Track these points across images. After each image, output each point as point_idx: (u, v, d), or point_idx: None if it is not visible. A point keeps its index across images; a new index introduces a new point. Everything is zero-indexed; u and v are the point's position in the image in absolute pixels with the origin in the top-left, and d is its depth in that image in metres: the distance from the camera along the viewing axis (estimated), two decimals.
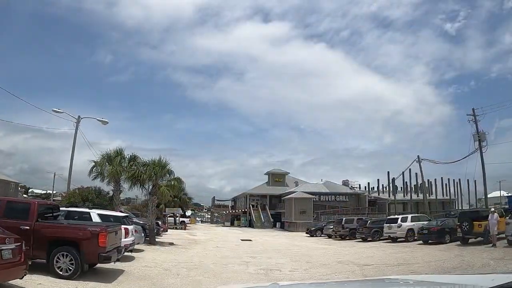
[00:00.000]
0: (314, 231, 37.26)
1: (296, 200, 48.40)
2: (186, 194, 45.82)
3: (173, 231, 38.38)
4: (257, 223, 55.75)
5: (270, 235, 38.22)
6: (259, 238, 32.27)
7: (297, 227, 47.58)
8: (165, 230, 33.41)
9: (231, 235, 37.02)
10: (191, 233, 36.52)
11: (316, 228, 37.66)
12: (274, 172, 64.09)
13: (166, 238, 26.46)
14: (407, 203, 60.69)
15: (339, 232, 32.00)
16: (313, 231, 37.31)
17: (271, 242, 28.79)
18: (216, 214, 76.05)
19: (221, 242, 26.98)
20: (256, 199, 61.47)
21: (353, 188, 61.35)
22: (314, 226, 38.85)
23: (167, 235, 30.14)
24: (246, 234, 38.43)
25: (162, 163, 21.54)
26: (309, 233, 37.70)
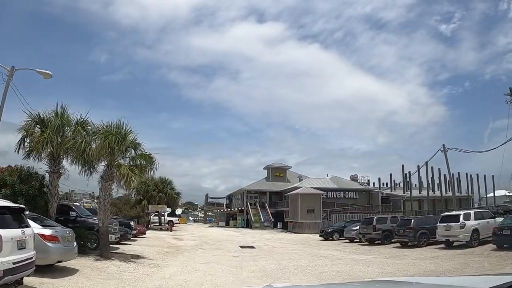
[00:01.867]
0: (330, 234, 29.48)
1: (303, 196, 40.60)
2: (174, 189, 37.81)
3: (155, 233, 30.38)
4: (256, 223, 47.87)
5: (274, 239, 30.34)
6: (262, 243, 24.45)
7: (304, 228, 39.78)
8: (142, 233, 25.42)
9: (227, 238, 29.12)
10: (177, 236, 28.51)
11: (333, 230, 29.88)
12: (274, 166, 56.26)
13: (136, 246, 18.61)
14: (423, 200, 53.81)
15: (369, 235, 24.26)
16: (329, 233, 29.54)
17: (282, 250, 20.95)
18: (209, 213, 68.01)
19: (213, 250, 19.09)
20: (254, 196, 53.58)
21: (364, 184, 53.71)
22: (331, 227, 31.03)
23: (142, 240, 22.28)
24: (245, 237, 30.51)
25: (122, 131, 13.62)
26: (323, 236, 29.92)
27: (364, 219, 26.70)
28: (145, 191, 35.68)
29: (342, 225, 30.64)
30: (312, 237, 33.30)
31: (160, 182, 37.08)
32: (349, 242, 27.51)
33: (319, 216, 40.84)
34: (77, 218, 15.98)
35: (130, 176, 12.96)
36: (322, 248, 22.82)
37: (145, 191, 35.67)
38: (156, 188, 36.18)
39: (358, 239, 26.71)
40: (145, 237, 25.34)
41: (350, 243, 27.17)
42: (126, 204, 35.19)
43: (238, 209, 53.36)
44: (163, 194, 36.04)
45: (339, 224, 31.90)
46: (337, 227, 30.66)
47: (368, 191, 52.82)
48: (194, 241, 24.71)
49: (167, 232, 33.44)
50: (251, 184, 54.33)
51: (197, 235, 31.72)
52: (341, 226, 30.48)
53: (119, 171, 13.14)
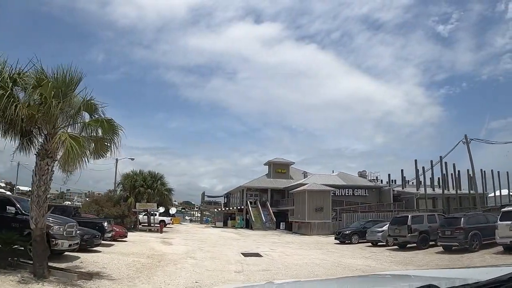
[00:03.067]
0: (348, 236, 24.61)
1: (311, 193, 35.68)
2: (165, 184, 32.72)
3: (141, 236, 25.44)
4: (257, 223, 42.89)
5: (281, 242, 25.45)
6: (269, 249, 19.57)
7: (311, 229, 34.88)
8: (122, 236, 20.42)
9: (225, 242, 24.17)
10: (166, 240, 23.52)
11: (352, 232, 24.98)
12: (276, 162, 51.30)
13: (105, 254, 13.74)
14: (437, 198, 49.33)
15: (403, 238, 19.41)
16: (348, 235, 24.65)
17: (296, 259, 16.06)
18: (206, 213, 62.97)
19: (207, 260, 14.14)
20: (254, 195, 48.62)
21: (374, 180, 48.89)
22: (348, 229, 26.09)
23: (118, 246, 17.40)
24: (247, 241, 25.62)
25: (64, 78, 8.66)
26: (339, 239, 25.06)
27: (394, 218, 21.83)
28: (131, 187, 30.71)
29: (361, 226, 25.79)
30: (324, 240, 28.43)
31: (150, 176, 32.09)
32: (372, 246, 22.72)
33: (328, 216, 35.95)
34: (17, 216, 11.22)
35: (72, 148, 7.95)
36: (346, 255, 17.89)
37: (131, 186, 30.70)
38: (144, 184, 31.19)
39: (384, 242, 21.93)
40: (125, 241, 20.38)
41: (374, 247, 22.37)
42: (110, 201, 30.31)
43: (237, 208, 48.35)
44: (152, 190, 31.01)
45: (357, 224, 27.03)
46: (355, 228, 25.78)
47: (378, 188, 48.03)
48: (185, 246, 19.73)
49: (157, 234, 28.44)
50: (252, 181, 49.36)
51: (191, 237, 26.71)
52: (360, 227, 25.63)
53: (55, 139, 8.17)
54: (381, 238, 22.15)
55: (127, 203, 29.67)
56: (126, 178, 31.72)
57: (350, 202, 43.28)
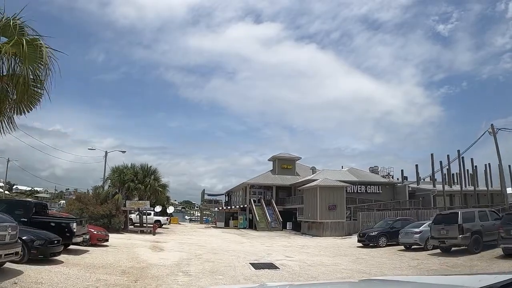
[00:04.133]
0: (375, 238, 20.45)
1: (323, 189, 31.50)
2: (158, 179, 28.46)
3: (130, 238, 21.34)
4: (261, 223, 38.73)
5: (294, 246, 21.31)
6: (284, 257, 15.44)
7: (324, 229, 30.75)
8: (101, 239, 16.26)
9: (228, 246, 20.00)
10: (157, 244, 19.32)
11: (380, 233, 20.80)
12: (282, 157, 47.10)
13: (61, 267, 9.83)
14: (454, 195, 45.36)
15: (452, 241, 15.29)
16: (375, 237, 20.49)
17: (323, 271, 11.93)
18: (206, 212, 58.78)
19: (206, 277, 9.99)
20: (258, 192, 44.46)
21: (387, 176, 44.74)
22: (374, 229, 21.83)
23: (93, 253, 13.34)
24: (254, 244, 21.48)
25: None
26: (364, 241, 20.93)
27: (439, 215, 17.60)
28: (120, 182, 26.56)
29: (388, 226, 21.64)
30: (342, 242, 24.29)
31: (141, 170, 27.89)
32: (405, 250, 18.60)
33: (342, 215, 31.79)
34: None
35: None
36: (385, 264, 13.71)
37: (120, 181, 26.56)
38: (135, 178, 27.01)
39: (422, 245, 17.83)
40: (106, 246, 16.25)
41: (407, 251, 18.28)
42: (97, 199, 26.19)
43: (239, 207, 44.14)
44: (143, 186, 26.79)
45: (383, 224, 22.85)
46: (382, 228, 21.60)
47: (392, 184, 43.85)
48: (178, 253, 15.54)
49: (148, 237, 24.29)
50: (255, 177, 45.15)
51: (187, 241, 22.47)
52: (387, 227, 21.48)
53: None
54: (419, 241, 18.03)
55: (114, 200, 25.51)
56: (114, 172, 27.58)
57: (363, 200, 39.16)
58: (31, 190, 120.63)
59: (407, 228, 19.01)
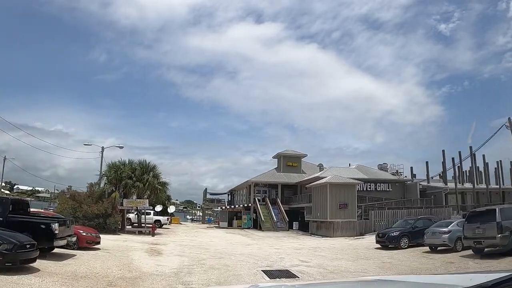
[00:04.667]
0: (396, 239, 18.36)
1: (334, 187, 29.38)
2: (158, 177, 26.36)
3: (126, 239, 19.31)
4: (267, 223, 36.65)
5: (306, 248, 19.24)
6: (299, 261, 13.44)
7: (334, 229, 28.66)
8: (91, 241, 14.22)
9: (234, 248, 17.93)
10: (155, 247, 17.24)
11: (402, 233, 18.70)
12: (287, 154, 45.00)
13: (40, 276, 7.82)
14: (466, 193, 43.26)
15: (490, 241, 13.24)
16: (395, 238, 18.40)
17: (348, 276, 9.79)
18: (208, 212, 56.69)
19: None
20: (263, 191, 42.40)
21: (398, 174, 42.58)
22: (395, 229, 19.64)
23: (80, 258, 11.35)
24: (262, 246, 19.42)
25: None
26: (384, 242, 18.86)
27: (473, 212, 15.50)
28: (116, 179, 24.52)
29: (409, 226, 19.54)
30: (356, 243, 22.21)
31: (140, 167, 25.82)
32: (430, 252, 16.58)
33: (353, 214, 29.69)
34: None
35: None
36: (418, 269, 11.63)
37: (116, 178, 24.52)
38: (132, 175, 24.95)
39: (451, 246, 15.79)
40: (97, 249, 14.21)
41: (433, 252, 16.27)
42: (92, 197, 24.19)
43: (243, 206, 42.02)
44: (141, 183, 24.71)
45: (402, 223, 20.72)
46: (403, 228, 19.48)
47: (402, 182, 41.70)
48: (179, 258, 13.45)
49: (147, 238, 22.23)
50: (259, 175, 43.05)
51: (189, 243, 20.34)
52: (408, 227, 19.39)
53: None
54: (448, 241, 15.96)
55: (110, 199, 23.48)
56: (110, 168, 25.54)
57: (373, 198, 37.06)
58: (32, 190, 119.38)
59: (433, 228, 16.93)
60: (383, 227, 30.81)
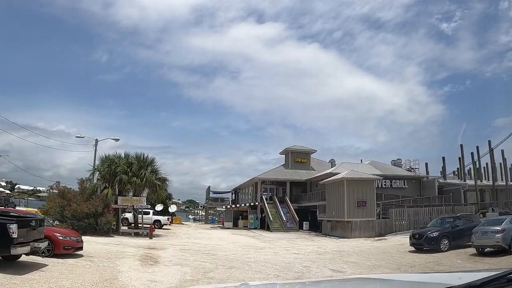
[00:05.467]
0: (435, 240, 15.37)
1: (351, 183, 26.35)
2: (156, 172, 23.33)
3: (118, 243, 16.32)
4: (275, 223, 33.62)
5: (328, 252, 16.24)
6: (329, 271, 10.55)
7: (352, 229, 25.68)
8: (72, 247, 11.18)
9: (246, 254, 14.88)
10: (151, 253, 14.24)
11: (441, 234, 15.68)
12: (295, 149, 41.99)
13: None
14: (485, 190, 40.40)
15: None
16: (434, 239, 15.43)
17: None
18: (211, 212, 53.70)
19: None
20: (270, 189, 39.42)
21: (413, 170, 39.57)
22: (431, 230, 16.52)
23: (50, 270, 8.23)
24: (277, 251, 16.42)
25: None
26: (421, 244, 15.90)
27: None
28: (110, 173, 21.54)
29: (448, 225, 16.52)
30: (382, 245, 19.19)
31: (136, 161, 22.82)
32: (478, 255, 13.68)
33: (372, 212, 26.67)
34: None
35: None
36: None
37: (110, 173, 21.54)
38: (128, 170, 21.95)
39: (506, 247, 12.87)
40: (76, 256, 11.25)
41: (482, 255, 13.26)
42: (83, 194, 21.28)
43: (249, 205, 39.00)
44: (138, 179, 21.69)
45: (438, 222, 17.69)
46: (441, 228, 16.43)
47: (418, 179, 38.68)
48: (179, 268, 10.43)
49: (144, 240, 19.21)
50: (266, 172, 40.05)
51: (191, 247, 17.24)
52: (447, 226, 16.38)
53: None
54: (502, 242, 13.00)
55: (101, 196, 20.54)
56: (103, 162, 22.60)
57: (388, 196, 34.07)
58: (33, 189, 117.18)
59: (483, 227, 13.92)
60: (405, 227, 27.95)
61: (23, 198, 72.42)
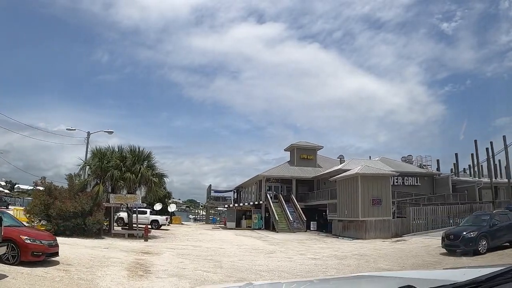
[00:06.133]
0: (473, 241, 13.08)
1: (366, 180, 24.05)
2: (153, 167, 21.02)
3: (107, 246, 13.99)
4: (281, 223, 31.31)
5: (351, 257, 13.98)
6: None
7: (367, 229, 23.41)
8: (42, 253, 8.77)
9: (254, 261, 12.60)
10: (143, 259, 11.94)
11: (480, 234, 13.37)
12: (301, 145, 39.71)
13: None
14: (499, 188, 38.27)
15: None
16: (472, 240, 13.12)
17: None
18: (212, 211, 51.40)
19: None
20: (274, 187, 37.13)
21: (425, 166, 37.28)
22: (467, 230, 14.19)
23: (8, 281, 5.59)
24: (291, 256, 14.17)
25: None
26: (457, 246, 13.57)
27: None
28: (101, 168, 19.25)
29: (486, 223, 14.21)
30: (404, 247, 16.89)
31: (131, 155, 20.52)
32: None
33: (388, 211, 24.38)
34: None
35: None
36: None
37: (101, 168, 19.25)
38: (122, 165, 19.65)
39: None
40: (50, 264, 9.00)
41: None
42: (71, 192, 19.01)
43: (253, 204, 36.68)
44: (132, 175, 19.37)
45: (474, 221, 15.34)
46: (478, 227, 14.11)
47: (430, 176, 36.40)
48: (175, 282, 8.15)
49: (137, 244, 16.91)
50: (271, 169, 37.79)
51: (191, 251, 14.90)
52: (485, 225, 14.07)
53: None
54: None
55: (90, 193, 18.28)
56: (94, 155, 20.31)
57: (401, 193, 31.76)
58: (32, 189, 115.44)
59: None
60: (422, 227, 25.69)
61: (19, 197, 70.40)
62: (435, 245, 17.23)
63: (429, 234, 23.39)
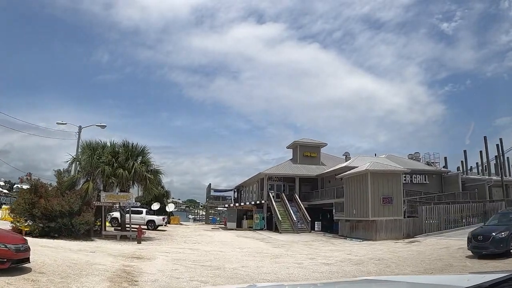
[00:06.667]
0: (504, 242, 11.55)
1: (376, 177, 22.45)
2: (148, 163, 19.41)
3: (95, 249, 12.29)
4: (284, 224, 29.71)
5: (368, 262, 12.40)
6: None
7: (377, 230, 21.84)
8: (8, 259, 7.03)
9: (259, 266, 11.01)
10: (132, 266, 10.35)
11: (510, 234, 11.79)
12: (304, 143, 38.12)
13: None
14: (509, 186, 36.81)
15: None
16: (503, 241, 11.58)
17: None
18: (212, 211, 49.79)
19: None
20: (277, 186, 35.53)
21: (434, 164, 35.72)
22: (498, 230, 12.58)
23: None
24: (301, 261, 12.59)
25: None
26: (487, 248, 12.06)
27: None
28: (91, 164, 17.67)
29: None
30: (421, 250, 15.33)
31: (124, 150, 18.92)
32: None
33: (399, 210, 22.80)
34: None
35: None
36: None
37: (91, 163, 17.67)
38: (114, 160, 18.06)
39: None
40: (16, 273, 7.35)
41: None
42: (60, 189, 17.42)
43: (254, 204, 35.07)
44: (125, 171, 17.78)
45: (501, 219, 13.70)
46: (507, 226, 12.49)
47: (438, 174, 34.85)
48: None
49: (129, 246, 15.32)
50: (273, 167, 36.24)
51: (188, 255, 13.21)
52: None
53: None
54: None
55: (78, 191, 16.72)
56: (84, 150, 18.73)
57: (410, 192, 30.19)
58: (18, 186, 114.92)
59: None
60: (435, 227, 24.13)
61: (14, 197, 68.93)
62: (454, 246, 15.69)
63: (444, 235, 21.84)
